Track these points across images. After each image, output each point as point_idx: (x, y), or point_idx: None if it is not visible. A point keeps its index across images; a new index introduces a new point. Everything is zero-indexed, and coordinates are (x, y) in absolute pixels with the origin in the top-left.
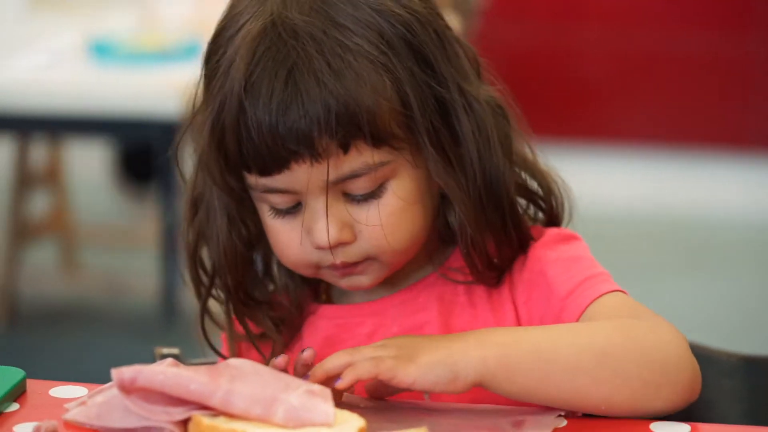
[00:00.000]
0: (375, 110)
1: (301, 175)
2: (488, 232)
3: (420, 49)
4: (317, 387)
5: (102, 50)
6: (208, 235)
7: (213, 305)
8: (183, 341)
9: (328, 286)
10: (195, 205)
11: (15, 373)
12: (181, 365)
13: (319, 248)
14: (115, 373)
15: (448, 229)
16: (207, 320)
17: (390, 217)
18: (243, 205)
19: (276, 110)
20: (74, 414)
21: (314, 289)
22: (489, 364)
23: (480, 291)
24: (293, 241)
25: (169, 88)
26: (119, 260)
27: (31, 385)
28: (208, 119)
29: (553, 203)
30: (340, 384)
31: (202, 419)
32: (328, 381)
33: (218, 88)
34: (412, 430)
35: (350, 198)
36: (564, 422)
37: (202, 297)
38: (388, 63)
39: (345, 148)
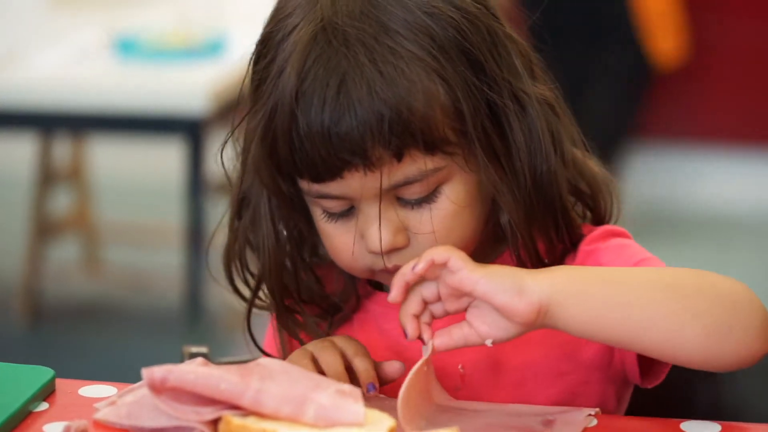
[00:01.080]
0: (428, 117)
1: (353, 183)
2: (539, 233)
3: (472, 52)
4: (347, 387)
5: (127, 47)
6: (254, 238)
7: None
8: (208, 338)
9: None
10: (240, 207)
11: (44, 373)
12: (211, 364)
13: (373, 253)
14: (145, 372)
15: (499, 231)
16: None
17: (443, 221)
18: (293, 208)
19: (328, 120)
20: (104, 413)
21: None
22: (557, 286)
23: None
24: (347, 244)
25: (194, 85)
26: (143, 257)
27: (60, 384)
28: (260, 125)
29: (602, 203)
30: (419, 267)
31: (233, 419)
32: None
33: (268, 94)
34: (443, 430)
35: (403, 203)
36: (594, 421)
37: (249, 301)
38: (440, 68)
39: (399, 157)
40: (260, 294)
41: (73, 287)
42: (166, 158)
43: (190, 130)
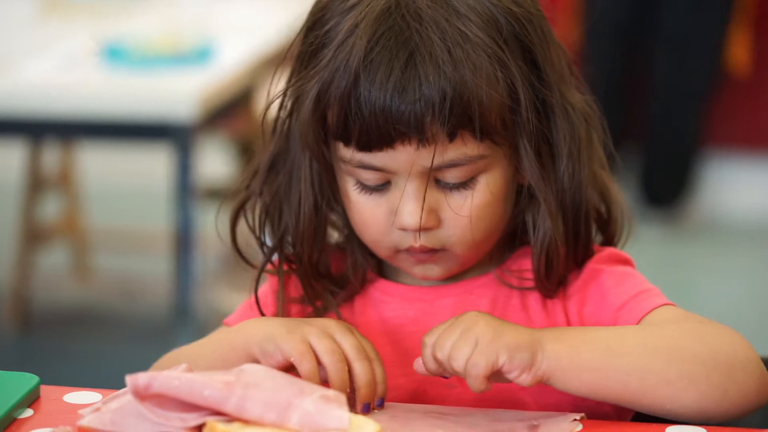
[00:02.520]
0: (487, 103)
1: (401, 157)
2: (563, 238)
3: (530, 48)
4: (332, 392)
5: (115, 54)
6: (286, 198)
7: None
8: None
9: (380, 265)
10: (273, 166)
11: (29, 379)
12: (196, 371)
13: (404, 230)
14: (129, 379)
15: (513, 233)
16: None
17: (477, 209)
18: (332, 177)
19: (392, 90)
20: (89, 420)
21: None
22: (561, 361)
23: (534, 297)
24: (377, 219)
25: (182, 91)
26: (132, 264)
27: (45, 391)
28: (314, 87)
29: (614, 226)
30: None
31: (217, 425)
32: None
33: (329, 58)
34: None
35: (441, 185)
36: (579, 426)
37: (264, 258)
38: (503, 58)
39: (452, 137)
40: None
41: (62, 294)
42: (155, 164)
43: (178, 137)
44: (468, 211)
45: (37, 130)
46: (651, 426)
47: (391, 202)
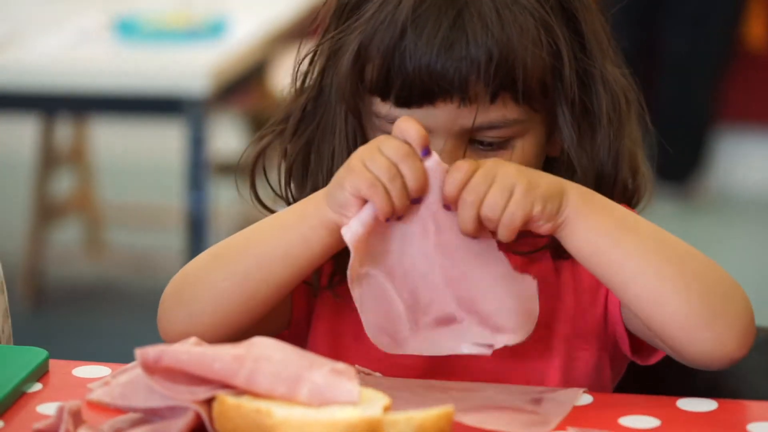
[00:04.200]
0: (531, 67)
1: (441, 115)
2: None
3: (574, 16)
4: (342, 365)
5: (128, 29)
6: (316, 153)
7: None
8: None
9: None
10: (302, 120)
11: (38, 354)
12: (205, 344)
13: None
14: (139, 352)
15: None
16: None
17: None
18: (363, 133)
19: (439, 46)
20: (98, 394)
21: None
22: (579, 214)
23: (544, 265)
24: None
25: (195, 66)
26: (145, 239)
27: (54, 365)
28: (356, 39)
29: (635, 199)
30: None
31: (227, 398)
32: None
33: (374, 12)
34: (438, 408)
35: (475, 147)
36: (590, 398)
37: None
38: (549, 22)
39: (493, 98)
40: None
41: (75, 269)
42: (168, 139)
43: (191, 111)
44: None
45: (49, 106)
46: (662, 398)
47: None
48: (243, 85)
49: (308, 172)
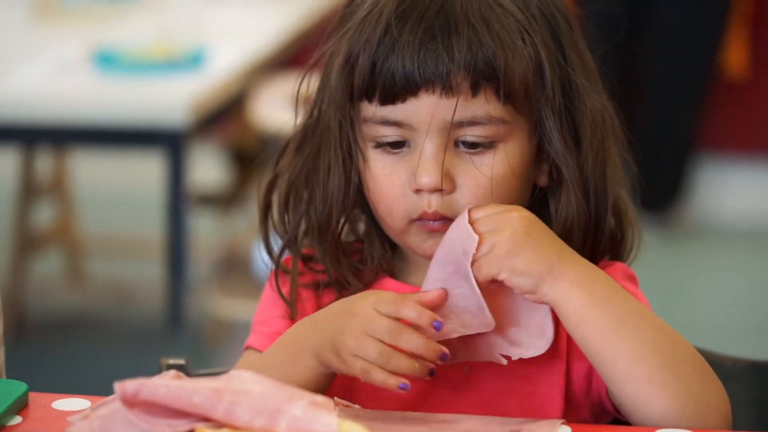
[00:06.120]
0: (512, 66)
1: (423, 109)
2: (581, 229)
3: (556, 30)
4: (321, 398)
5: (107, 60)
6: (314, 168)
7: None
8: (189, 351)
9: (392, 264)
10: (303, 141)
11: (17, 386)
12: (184, 377)
13: (420, 190)
14: (118, 386)
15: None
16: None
17: (494, 178)
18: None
19: (422, 37)
20: (78, 428)
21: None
22: (570, 303)
23: None
24: (393, 184)
25: (175, 98)
26: (125, 270)
27: (34, 398)
28: (346, 44)
29: (625, 247)
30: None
31: (206, 431)
32: None
33: (363, 16)
34: None
35: (460, 149)
36: (563, 429)
37: (289, 232)
38: (532, 31)
39: (475, 90)
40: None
41: (55, 300)
42: (148, 170)
43: (170, 143)
44: (484, 177)
45: (29, 137)
46: (642, 430)
47: (409, 166)
48: (223, 116)
49: (306, 189)
